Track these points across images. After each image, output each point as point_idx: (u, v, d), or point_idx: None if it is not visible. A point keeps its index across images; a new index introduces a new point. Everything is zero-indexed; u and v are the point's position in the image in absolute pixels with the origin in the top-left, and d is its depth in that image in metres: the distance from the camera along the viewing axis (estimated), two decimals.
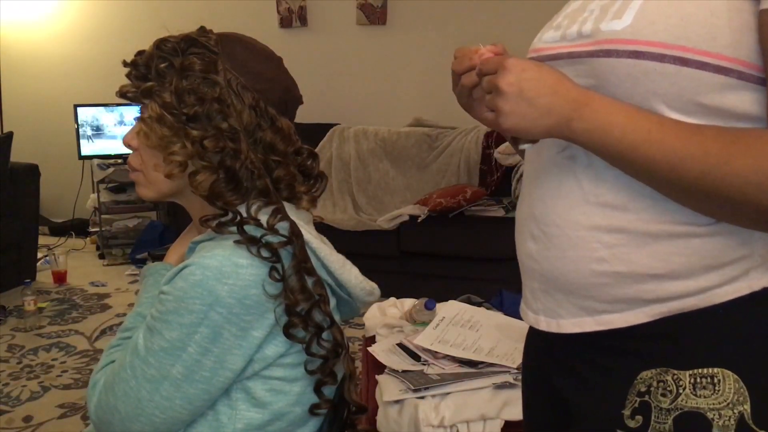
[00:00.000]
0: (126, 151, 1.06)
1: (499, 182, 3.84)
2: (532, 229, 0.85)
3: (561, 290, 0.82)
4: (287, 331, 0.96)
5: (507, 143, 3.73)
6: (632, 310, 0.78)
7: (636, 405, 0.78)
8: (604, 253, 0.78)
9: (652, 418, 0.76)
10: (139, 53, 1.02)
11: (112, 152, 4.75)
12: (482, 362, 1.82)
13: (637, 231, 0.76)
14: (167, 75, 0.99)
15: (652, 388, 0.76)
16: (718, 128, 0.71)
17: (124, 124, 4.81)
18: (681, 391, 0.75)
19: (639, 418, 0.77)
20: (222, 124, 0.98)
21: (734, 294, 0.75)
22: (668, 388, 0.76)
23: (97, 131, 4.79)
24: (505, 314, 2.10)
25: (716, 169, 0.68)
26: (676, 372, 0.76)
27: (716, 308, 0.75)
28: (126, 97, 1.02)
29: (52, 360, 3.11)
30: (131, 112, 4.70)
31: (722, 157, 0.68)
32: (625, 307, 0.78)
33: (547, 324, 0.86)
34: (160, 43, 1.00)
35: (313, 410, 1.03)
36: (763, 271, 0.76)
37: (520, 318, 2.15)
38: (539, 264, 0.84)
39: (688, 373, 0.75)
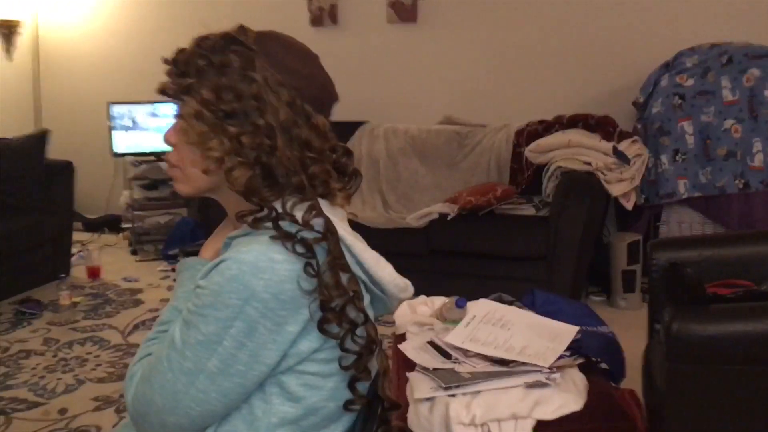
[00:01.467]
0: (158, 148, 1.07)
1: (530, 181, 3.81)
2: None
3: None
4: (321, 327, 0.97)
5: (537, 142, 3.70)
6: None
7: None
8: None
9: None
10: (179, 51, 1.03)
11: (145, 149, 4.82)
12: (514, 361, 1.81)
13: None
14: (206, 72, 1.00)
15: None
16: None
17: (156, 116, 4.83)
18: None
19: None
20: (259, 121, 0.99)
21: None
22: None
23: (132, 126, 4.85)
24: (537, 313, 2.08)
25: None
26: None
27: None
28: (165, 93, 1.04)
29: (87, 354, 3.16)
30: (164, 110, 4.75)
31: None
32: None
33: None
34: (200, 41, 1.01)
35: (347, 406, 1.03)
36: None
37: (552, 317, 2.14)
38: None
39: None
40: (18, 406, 2.66)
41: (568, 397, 1.74)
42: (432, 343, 1.97)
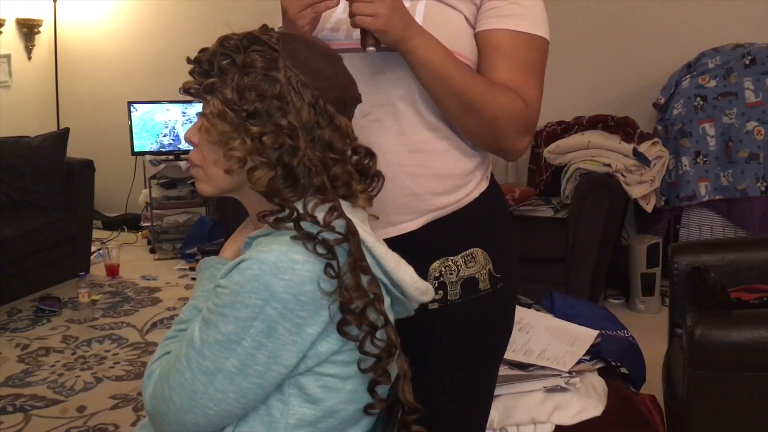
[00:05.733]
0: (177, 147, 1.07)
1: (548, 182, 3.78)
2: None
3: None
4: (341, 329, 0.96)
5: (556, 143, 3.68)
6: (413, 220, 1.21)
7: (436, 285, 1.21)
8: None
9: (448, 289, 1.23)
10: (203, 50, 1.03)
11: (164, 148, 4.84)
12: (532, 365, 1.79)
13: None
14: (229, 72, 1.00)
15: (442, 272, 1.23)
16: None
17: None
18: (459, 268, 1.22)
19: (440, 291, 1.23)
20: (281, 121, 0.99)
21: (472, 197, 1.23)
22: (451, 269, 1.22)
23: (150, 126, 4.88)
24: (556, 316, 2.07)
25: (473, 90, 1.15)
26: (452, 258, 1.22)
27: (464, 209, 1.22)
28: (189, 93, 1.03)
29: (105, 351, 3.19)
30: (184, 109, 4.78)
31: (479, 87, 1.16)
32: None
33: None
34: (223, 40, 1.01)
35: (367, 409, 1.03)
36: (484, 181, 1.27)
37: (572, 321, 2.12)
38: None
39: (459, 256, 1.22)
40: (37, 404, 2.68)
41: (587, 402, 1.73)
42: None
